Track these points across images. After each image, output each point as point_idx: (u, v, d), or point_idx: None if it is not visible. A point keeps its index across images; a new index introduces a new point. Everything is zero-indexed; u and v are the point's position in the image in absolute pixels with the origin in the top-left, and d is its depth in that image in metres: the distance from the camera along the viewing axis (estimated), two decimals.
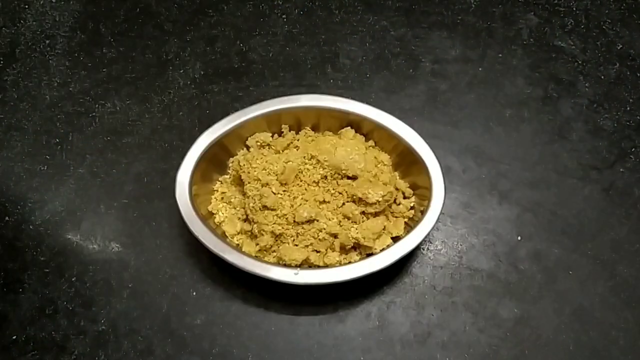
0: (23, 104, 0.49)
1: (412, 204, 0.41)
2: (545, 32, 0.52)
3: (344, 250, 0.39)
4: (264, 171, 0.39)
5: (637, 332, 0.39)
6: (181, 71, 0.50)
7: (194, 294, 0.40)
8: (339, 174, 0.39)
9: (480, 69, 0.50)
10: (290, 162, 0.39)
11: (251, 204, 0.39)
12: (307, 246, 0.38)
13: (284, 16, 0.53)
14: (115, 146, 0.47)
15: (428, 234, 0.37)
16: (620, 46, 0.52)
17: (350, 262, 0.38)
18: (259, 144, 0.42)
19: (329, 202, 0.39)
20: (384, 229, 0.39)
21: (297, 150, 0.41)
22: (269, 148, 0.42)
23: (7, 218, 0.43)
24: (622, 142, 0.47)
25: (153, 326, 0.39)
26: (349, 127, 0.42)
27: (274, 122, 0.42)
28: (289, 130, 0.43)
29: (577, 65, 0.51)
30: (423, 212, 0.38)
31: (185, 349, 0.38)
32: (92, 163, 0.46)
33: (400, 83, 0.50)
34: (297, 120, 0.43)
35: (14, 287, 0.41)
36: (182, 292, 0.40)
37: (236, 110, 0.41)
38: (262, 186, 0.38)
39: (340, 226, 0.38)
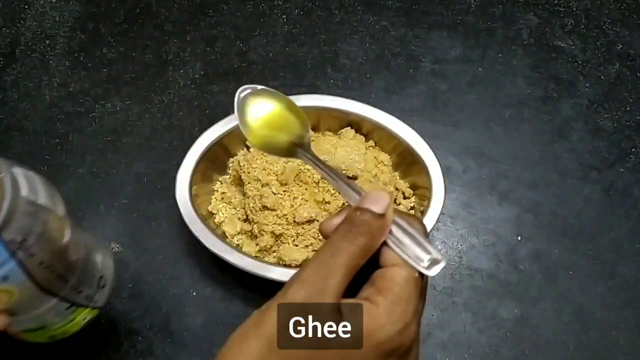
0: (23, 104, 0.49)
1: (412, 204, 0.41)
2: (545, 32, 0.52)
3: None
4: (264, 171, 0.39)
5: (637, 332, 0.39)
6: (181, 71, 0.50)
7: (194, 294, 0.40)
8: None
9: (480, 69, 0.50)
10: (290, 162, 0.39)
11: (251, 204, 0.38)
12: (307, 246, 0.38)
13: (284, 16, 0.53)
14: (115, 146, 0.47)
15: (428, 234, 0.37)
16: (620, 46, 0.52)
17: None
18: None
19: (329, 202, 0.39)
20: None
21: None
22: None
23: None
24: (622, 142, 0.47)
25: (153, 326, 0.39)
26: (349, 127, 0.42)
27: None
28: None
29: (577, 65, 0.51)
30: (423, 212, 0.38)
31: (185, 349, 0.38)
32: (92, 163, 0.46)
33: (400, 83, 0.50)
34: None
35: None
36: (182, 292, 0.40)
37: None
38: (262, 186, 0.38)
39: None
